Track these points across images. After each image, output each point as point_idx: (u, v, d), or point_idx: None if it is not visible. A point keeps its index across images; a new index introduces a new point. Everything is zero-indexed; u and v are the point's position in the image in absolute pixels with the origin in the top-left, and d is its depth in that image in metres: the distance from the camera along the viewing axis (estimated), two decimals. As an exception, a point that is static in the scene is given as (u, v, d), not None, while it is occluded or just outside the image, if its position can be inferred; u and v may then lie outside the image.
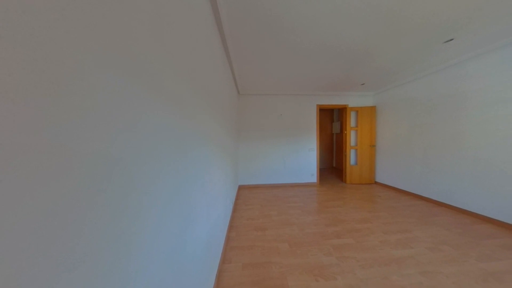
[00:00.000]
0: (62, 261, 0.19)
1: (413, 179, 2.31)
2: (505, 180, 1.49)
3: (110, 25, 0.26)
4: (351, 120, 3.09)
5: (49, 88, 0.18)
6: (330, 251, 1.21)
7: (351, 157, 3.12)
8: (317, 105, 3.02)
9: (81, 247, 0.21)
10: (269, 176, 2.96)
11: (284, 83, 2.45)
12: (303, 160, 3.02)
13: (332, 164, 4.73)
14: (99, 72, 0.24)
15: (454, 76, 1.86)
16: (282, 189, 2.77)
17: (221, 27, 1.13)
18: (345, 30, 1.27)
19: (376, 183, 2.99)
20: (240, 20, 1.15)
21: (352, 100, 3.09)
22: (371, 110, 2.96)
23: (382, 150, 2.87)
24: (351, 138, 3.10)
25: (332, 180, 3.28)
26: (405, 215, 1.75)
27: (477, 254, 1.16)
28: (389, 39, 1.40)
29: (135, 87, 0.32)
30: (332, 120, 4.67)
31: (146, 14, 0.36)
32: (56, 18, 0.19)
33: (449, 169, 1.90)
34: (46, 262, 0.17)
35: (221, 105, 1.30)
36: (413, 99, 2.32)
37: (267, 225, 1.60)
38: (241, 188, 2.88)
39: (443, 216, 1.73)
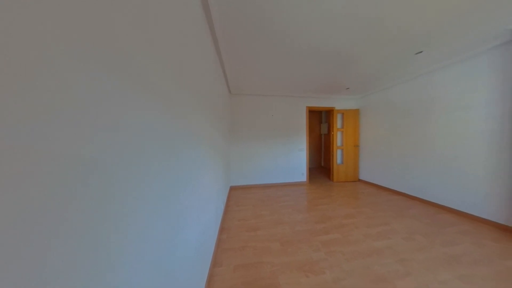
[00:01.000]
0: (30, 278, 0.17)
1: (391, 176, 2.55)
2: (462, 176, 1.73)
3: (86, 14, 0.24)
4: (338, 122, 3.27)
5: (9, 83, 0.16)
6: (319, 247, 1.27)
7: (338, 156, 3.31)
8: (307, 107, 3.14)
9: (52, 261, 0.19)
10: (262, 176, 2.98)
11: (276, 84, 2.50)
12: (294, 160, 3.11)
13: (321, 164, 4.95)
14: (73, 66, 0.22)
15: (424, 84, 2.09)
16: (274, 188, 2.81)
17: (212, 26, 1.11)
18: (332, 36, 1.34)
19: (359, 180, 3.22)
20: (232, 20, 1.14)
21: (338, 103, 3.27)
22: (355, 113, 3.18)
23: (365, 150, 3.10)
24: (338, 138, 3.28)
25: (320, 179, 3.44)
26: (385, 210, 1.92)
27: (441, 240, 1.32)
28: (370, 47, 1.52)
29: (117, 83, 0.30)
30: (320, 122, 4.89)
31: (129, 5, 0.33)
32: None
33: (421, 167, 2.14)
34: (9, 280, 0.15)
35: (213, 104, 1.28)
36: (391, 103, 2.56)
37: (259, 225, 1.62)
38: (233, 189, 2.85)
39: (415, 208, 1.93)
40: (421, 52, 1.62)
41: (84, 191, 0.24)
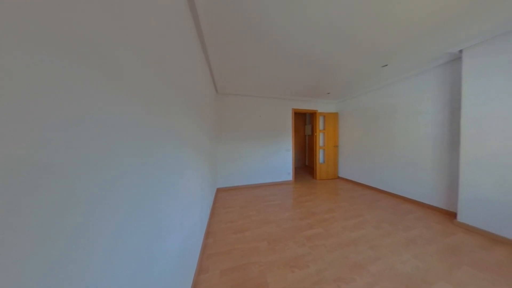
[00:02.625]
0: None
1: (364, 172, 2.87)
2: (417, 171, 2.08)
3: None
4: (320, 124, 3.53)
5: None
6: (304, 242, 1.34)
7: (320, 156, 3.56)
8: (293, 109, 3.29)
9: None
10: (249, 177, 2.99)
11: (263, 86, 2.54)
12: (280, 160, 3.21)
13: (305, 163, 5.24)
14: (16, 50, 0.18)
15: (389, 93, 2.44)
16: (262, 189, 2.85)
17: (198, 21, 1.07)
18: (315, 45, 1.45)
19: (339, 177, 3.53)
20: (218, 17, 1.12)
21: (321, 106, 3.53)
22: (335, 116, 3.49)
23: (343, 149, 3.42)
24: (320, 139, 3.53)
25: (305, 177, 3.64)
26: (359, 203, 2.15)
27: (403, 226, 1.56)
28: (346, 58, 1.69)
29: (80, 73, 0.26)
30: (304, 123, 5.18)
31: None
32: None
33: (387, 164, 2.48)
34: None
35: (198, 103, 1.23)
36: (364, 108, 2.89)
37: (247, 226, 1.61)
38: (220, 191, 2.77)
39: (383, 201, 2.22)
40: (386, 65, 1.89)
41: (32, 203, 0.20)
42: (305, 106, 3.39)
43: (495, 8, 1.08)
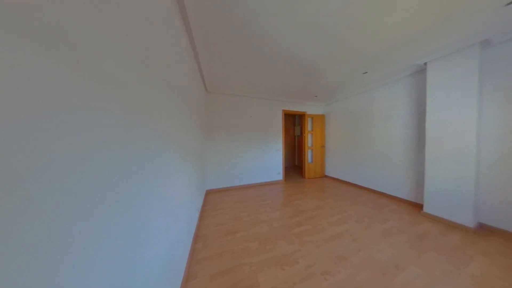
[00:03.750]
0: None
1: (348, 171, 3.09)
2: (391, 169, 2.32)
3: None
4: (309, 125, 3.68)
5: None
6: (293, 240, 1.38)
7: (309, 156, 3.72)
8: (283, 110, 3.37)
9: None
10: (240, 177, 2.96)
11: (254, 86, 2.55)
12: (271, 160, 3.26)
13: (295, 163, 5.41)
14: None
15: (368, 98, 2.67)
16: (253, 189, 2.85)
17: (186, 16, 1.02)
18: (304, 50, 1.51)
19: (325, 176, 3.73)
20: (208, 14, 1.08)
21: (309, 108, 3.69)
22: (322, 118, 3.68)
23: (329, 150, 3.63)
24: (309, 140, 3.69)
25: (294, 177, 3.76)
26: (343, 199, 2.31)
27: (380, 219, 1.72)
28: (331, 63, 1.80)
29: (47, 62, 0.23)
30: (294, 124, 5.35)
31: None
32: None
33: (367, 163, 2.71)
34: None
35: (186, 101, 1.17)
36: (347, 111, 3.11)
37: (238, 228, 1.60)
38: (209, 193, 2.69)
39: (364, 196, 2.42)
40: (366, 72, 2.06)
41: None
42: (295, 107, 3.51)
43: (451, 28, 1.27)
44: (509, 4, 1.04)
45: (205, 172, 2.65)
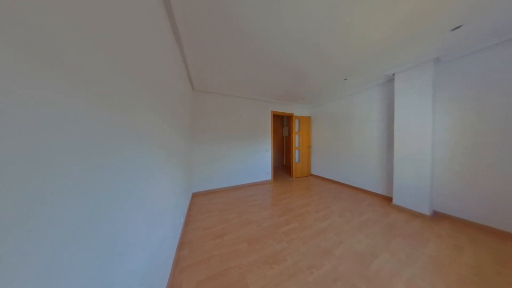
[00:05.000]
0: None
1: (331, 169, 3.33)
2: (367, 166, 2.58)
3: None
4: (296, 126, 3.84)
5: None
6: (282, 238, 1.43)
7: (296, 156, 3.88)
8: (272, 111, 3.44)
9: None
10: (228, 179, 2.91)
11: (243, 86, 2.54)
12: (260, 161, 3.29)
13: (283, 162, 5.58)
14: None
15: (349, 102, 2.92)
16: (242, 190, 2.83)
17: (170, 6, 0.97)
18: (292, 54, 1.58)
19: (311, 175, 3.94)
20: (192, 6, 1.05)
21: (297, 110, 3.85)
22: (308, 120, 3.88)
23: (314, 150, 3.85)
24: (296, 140, 3.85)
25: (283, 176, 3.87)
26: (327, 196, 2.48)
27: (358, 212, 1.90)
28: (316, 68, 1.92)
29: None
30: (282, 125, 5.51)
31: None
32: None
33: (347, 161, 2.96)
34: None
35: (170, 98, 1.10)
36: (330, 114, 3.35)
37: (226, 230, 1.57)
38: (196, 195, 2.57)
39: (345, 192, 2.64)
40: (346, 79, 2.26)
41: None
42: (283, 109, 3.62)
43: (411, 46, 1.49)
44: (454, 29, 1.27)
45: (191, 174, 2.53)
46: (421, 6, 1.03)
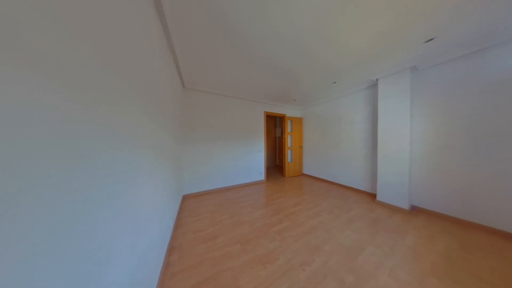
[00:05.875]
0: None
1: (321, 169, 3.46)
2: (354, 165, 2.74)
3: None
4: (288, 127, 3.92)
5: None
6: (275, 237, 1.44)
7: (288, 156, 3.95)
8: (265, 111, 3.47)
9: None
10: (221, 179, 2.86)
11: (236, 86, 2.53)
12: (253, 161, 3.29)
13: (276, 162, 5.64)
14: None
15: (337, 105, 3.07)
16: (235, 191, 2.80)
17: (159, 2, 0.92)
18: (285, 56, 1.61)
19: (303, 174, 4.05)
20: (183, 2, 1.01)
21: (289, 111, 3.93)
22: (300, 121, 3.99)
23: (306, 150, 3.97)
24: (288, 141, 3.93)
25: (275, 176, 3.92)
26: (318, 194, 2.56)
27: (345, 209, 2.00)
28: (307, 72, 1.99)
29: None
30: (275, 126, 5.59)
31: None
32: None
33: (336, 161, 3.10)
34: None
35: (159, 96, 1.05)
36: (321, 116, 3.49)
37: (219, 232, 1.53)
38: (187, 198, 2.48)
39: (334, 191, 2.76)
40: (335, 82, 2.37)
41: None
42: (276, 110, 3.67)
43: (391, 54, 1.62)
44: (427, 41, 1.41)
45: (182, 175, 2.43)
46: (398, 19, 1.13)
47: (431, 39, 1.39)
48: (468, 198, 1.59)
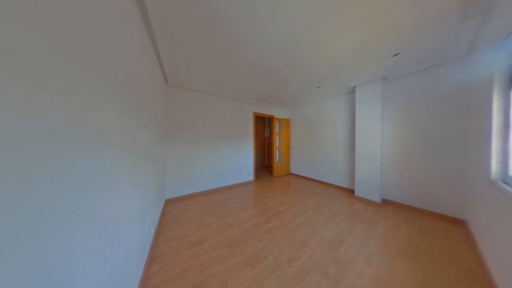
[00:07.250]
0: None
1: (307, 168, 3.65)
2: (336, 164, 2.97)
3: None
4: (277, 128, 4.02)
5: None
6: (263, 236, 1.46)
7: (277, 156, 4.06)
8: (253, 112, 3.48)
9: None
10: (208, 181, 2.76)
11: (224, 85, 2.48)
12: (242, 161, 3.27)
13: (264, 163, 5.72)
14: None
15: (322, 108, 3.29)
16: (223, 192, 2.74)
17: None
18: (273, 59, 1.65)
19: (290, 173, 4.20)
20: None
21: (277, 112, 4.03)
22: (287, 122, 4.13)
23: (293, 150, 4.13)
24: (277, 141, 4.03)
25: (264, 176, 3.97)
26: (304, 192, 2.70)
27: (329, 205, 2.15)
28: (294, 75, 2.08)
29: None
30: (264, 126, 5.66)
31: None
32: None
33: (320, 160, 3.31)
34: None
35: (136, 91, 0.96)
36: (307, 117, 3.67)
37: (205, 236, 1.48)
38: (170, 202, 2.32)
39: (319, 188, 2.94)
40: (319, 87, 2.54)
41: None
42: (265, 111, 3.72)
43: (365, 65, 1.81)
44: (394, 55, 1.63)
45: (164, 178, 2.26)
46: (371, 33, 1.28)
47: (398, 54, 1.60)
48: (425, 190, 1.89)
